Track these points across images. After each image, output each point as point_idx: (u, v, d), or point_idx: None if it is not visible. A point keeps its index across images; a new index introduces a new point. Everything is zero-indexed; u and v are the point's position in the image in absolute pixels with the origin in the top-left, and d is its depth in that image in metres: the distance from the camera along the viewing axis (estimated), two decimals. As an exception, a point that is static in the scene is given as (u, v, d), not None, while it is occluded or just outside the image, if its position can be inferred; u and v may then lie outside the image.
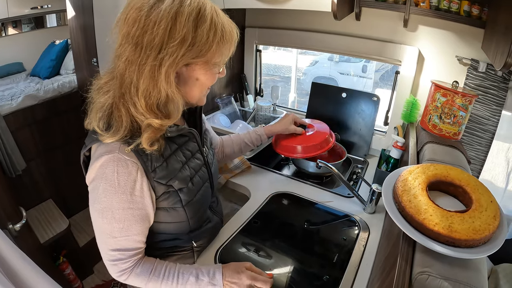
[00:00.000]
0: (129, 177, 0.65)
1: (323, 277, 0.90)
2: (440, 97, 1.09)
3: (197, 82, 0.70)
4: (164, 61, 0.59)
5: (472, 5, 1.13)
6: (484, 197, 0.64)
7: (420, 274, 0.54)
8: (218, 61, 0.69)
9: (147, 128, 0.63)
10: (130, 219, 0.68)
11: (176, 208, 0.76)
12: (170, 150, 0.74)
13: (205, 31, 0.61)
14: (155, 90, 0.61)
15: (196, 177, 0.81)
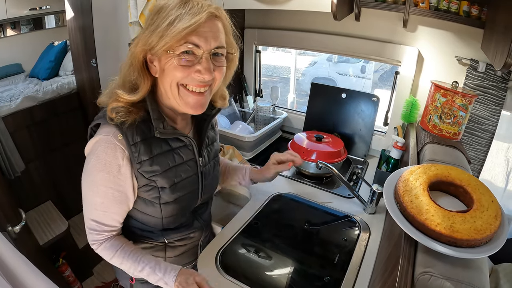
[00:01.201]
0: (114, 160, 0.70)
1: (324, 278, 0.89)
2: (440, 97, 1.09)
3: (163, 74, 0.69)
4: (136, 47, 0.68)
5: (471, 5, 1.13)
6: (485, 197, 0.64)
7: (422, 274, 0.54)
8: (176, 48, 0.65)
9: (114, 96, 0.70)
10: (110, 197, 0.73)
11: (153, 203, 0.79)
12: (161, 149, 0.76)
13: (161, 18, 0.65)
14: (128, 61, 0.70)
15: (182, 183, 0.82)
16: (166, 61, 0.67)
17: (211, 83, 0.72)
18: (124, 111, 0.70)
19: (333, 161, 1.34)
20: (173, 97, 0.71)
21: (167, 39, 0.63)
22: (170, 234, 0.88)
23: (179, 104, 0.72)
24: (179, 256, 0.93)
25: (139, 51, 0.67)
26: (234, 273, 0.89)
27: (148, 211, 0.80)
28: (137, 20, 1.19)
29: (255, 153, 1.55)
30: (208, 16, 0.65)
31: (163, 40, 0.64)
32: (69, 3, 1.93)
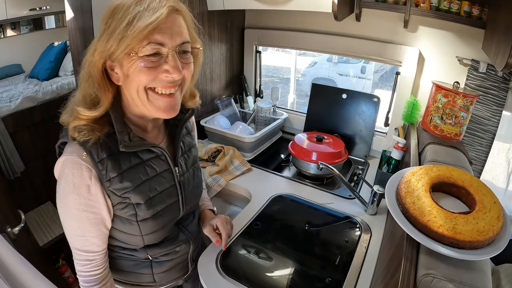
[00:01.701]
0: (82, 180, 0.65)
1: (325, 279, 0.89)
2: (442, 97, 1.09)
3: (127, 79, 0.64)
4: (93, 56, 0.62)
5: (472, 6, 1.13)
6: (487, 198, 0.63)
7: (425, 276, 0.53)
8: (139, 49, 0.60)
9: (74, 114, 0.65)
10: (85, 221, 0.68)
11: (130, 221, 0.73)
12: (130, 163, 0.70)
13: (117, 19, 0.59)
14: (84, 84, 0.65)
15: (159, 197, 0.76)
16: (129, 65, 0.61)
17: (180, 82, 0.67)
18: (86, 129, 0.64)
19: (334, 162, 1.34)
20: (142, 103, 0.66)
21: (127, 41, 0.57)
22: (154, 249, 0.82)
23: (149, 110, 0.67)
24: (167, 271, 0.88)
25: (97, 60, 0.61)
26: (235, 275, 0.88)
27: (127, 230, 0.75)
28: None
29: (255, 153, 1.55)
30: (169, 10, 0.61)
31: (123, 42, 0.58)
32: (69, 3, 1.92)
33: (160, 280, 0.88)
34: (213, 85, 1.68)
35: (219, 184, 1.34)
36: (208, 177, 1.35)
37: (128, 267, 0.83)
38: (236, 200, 1.41)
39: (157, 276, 0.86)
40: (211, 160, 1.42)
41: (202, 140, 1.61)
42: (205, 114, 1.66)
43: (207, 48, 1.55)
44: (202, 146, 1.54)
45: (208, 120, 1.60)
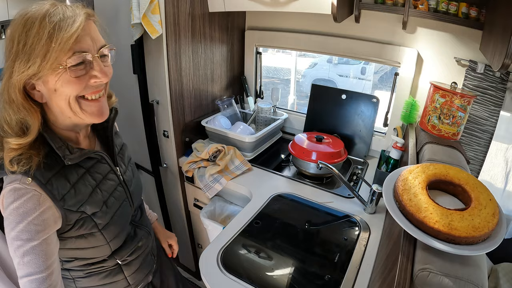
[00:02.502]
0: (28, 206, 0.62)
1: (325, 277, 0.90)
2: (439, 98, 1.10)
3: (56, 94, 0.61)
4: (7, 79, 0.58)
5: (470, 7, 1.14)
6: (483, 195, 0.65)
7: (421, 270, 0.54)
8: (60, 59, 0.58)
9: (3, 147, 0.61)
10: (31, 254, 0.63)
11: (93, 233, 0.73)
12: (77, 175, 0.70)
13: (33, 35, 0.56)
14: (5, 112, 0.61)
15: (111, 199, 0.77)
16: (56, 79, 0.59)
17: (105, 85, 0.69)
18: (24, 157, 0.61)
19: (333, 161, 1.35)
20: (74, 113, 0.65)
21: (54, 54, 0.56)
22: (120, 253, 0.83)
23: (83, 118, 0.66)
24: (138, 270, 0.89)
25: (16, 82, 0.58)
26: (235, 272, 0.90)
27: (93, 244, 0.74)
28: (140, 22, 1.20)
29: (256, 153, 1.56)
30: (85, 17, 0.61)
31: (49, 57, 0.56)
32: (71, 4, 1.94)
33: (134, 281, 0.89)
34: (214, 85, 1.69)
35: (220, 183, 1.35)
36: (209, 176, 1.37)
37: (101, 280, 0.82)
38: (237, 199, 1.42)
39: (130, 278, 0.87)
40: (212, 160, 1.44)
41: (203, 140, 1.62)
42: (206, 114, 1.68)
43: (208, 49, 1.57)
44: (203, 146, 1.56)
45: (209, 120, 1.61)
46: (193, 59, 1.48)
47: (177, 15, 1.31)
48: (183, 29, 1.36)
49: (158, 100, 1.43)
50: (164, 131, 1.49)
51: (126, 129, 1.72)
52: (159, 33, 1.23)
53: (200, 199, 1.57)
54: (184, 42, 1.38)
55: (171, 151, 1.52)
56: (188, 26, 1.39)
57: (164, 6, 1.23)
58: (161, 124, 1.49)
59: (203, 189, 1.37)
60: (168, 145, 1.52)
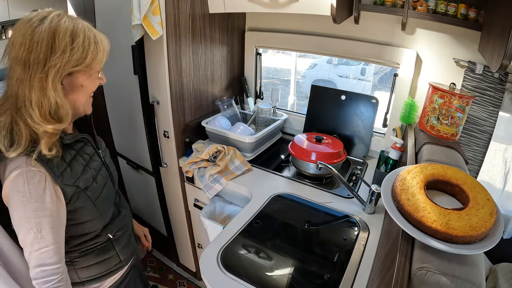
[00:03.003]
0: (38, 186, 0.71)
1: (324, 276, 0.91)
2: (438, 98, 1.11)
3: (82, 89, 0.78)
4: (49, 72, 0.68)
5: (469, 8, 1.15)
6: (480, 195, 0.65)
7: (419, 269, 0.55)
8: (96, 67, 0.79)
9: (43, 135, 0.70)
10: (46, 227, 0.72)
11: (87, 206, 0.83)
12: (70, 155, 0.81)
13: (81, 43, 0.71)
14: (45, 99, 0.69)
15: (98, 176, 0.89)
16: (85, 77, 0.77)
17: None
18: (56, 143, 0.74)
19: (333, 162, 1.36)
20: (82, 106, 0.82)
21: (97, 62, 0.77)
22: (110, 227, 0.93)
23: (85, 109, 0.84)
24: (126, 245, 0.99)
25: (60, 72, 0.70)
26: (235, 271, 0.90)
27: (86, 217, 0.84)
28: (140, 23, 1.21)
29: (255, 154, 1.57)
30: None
31: (94, 62, 0.76)
32: (72, 5, 1.95)
33: (124, 257, 0.98)
34: (214, 86, 1.70)
35: (220, 183, 1.36)
36: (209, 177, 1.38)
37: (96, 258, 0.90)
38: (237, 199, 1.43)
39: (120, 254, 0.97)
40: (212, 160, 1.44)
41: (203, 140, 1.63)
42: (207, 115, 1.68)
43: (209, 50, 1.57)
44: (203, 146, 1.56)
45: (209, 120, 1.62)
46: (193, 60, 1.48)
47: (178, 16, 1.32)
48: (183, 30, 1.37)
49: (159, 100, 1.44)
50: (164, 132, 1.50)
51: (126, 129, 1.73)
52: (159, 34, 1.24)
53: (200, 199, 1.57)
54: (184, 43, 1.39)
55: (171, 152, 1.53)
56: (189, 27, 1.39)
57: (165, 7, 1.23)
58: (161, 125, 1.49)
59: (203, 189, 1.38)
60: (168, 146, 1.53)
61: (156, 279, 2.01)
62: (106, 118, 1.87)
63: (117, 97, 1.70)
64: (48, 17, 0.69)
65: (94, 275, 0.91)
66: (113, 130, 1.88)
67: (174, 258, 2.08)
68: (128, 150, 1.83)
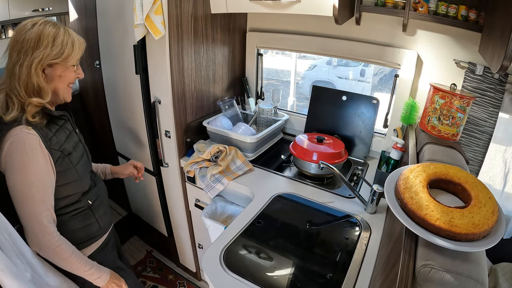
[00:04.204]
0: (35, 146, 0.88)
1: (327, 275, 0.91)
2: (439, 99, 1.12)
3: (60, 79, 0.95)
4: (33, 61, 0.87)
5: (469, 10, 1.16)
6: (482, 194, 0.66)
7: (423, 267, 0.56)
8: (72, 61, 0.95)
9: (28, 105, 0.88)
10: (43, 183, 0.90)
11: (69, 169, 0.99)
12: (55, 128, 0.97)
13: (59, 42, 0.91)
14: (29, 81, 0.88)
15: (77, 147, 1.05)
16: (62, 70, 0.94)
17: None
18: (40, 113, 0.92)
19: (334, 162, 1.37)
20: (61, 93, 0.98)
21: (72, 58, 0.94)
22: (89, 195, 1.08)
23: (63, 97, 1.00)
24: (104, 213, 1.14)
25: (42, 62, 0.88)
26: (238, 271, 0.91)
27: (69, 179, 0.99)
28: (143, 22, 1.21)
29: (257, 154, 1.57)
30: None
31: (69, 58, 0.93)
32: (73, 5, 1.96)
33: (103, 224, 1.13)
34: (216, 86, 1.71)
35: (222, 183, 1.36)
36: (211, 176, 1.38)
37: (77, 224, 1.04)
38: (238, 199, 1.43)
39: (100, 221, 1.11)
40: (214, 160, 1.45)
41: (204, 140, 1.63)
42: (208, 115, 1.69)
43: (210, 50, 1.58)
44: (204, 146, 1.57)
45: (210, 121, 1.62)
46: (195, 60, 1.49)
47: (180, 16, 1.32)
48: (185, 30, 1.37)
49: (160, 100, 1.44)
50: (166, 131, 1.50)
51: (127, 129, 1.73)
52: (162, 34, 1.24)
53: (201, 199, 1.57)
54: (186, 43, 1.40)
55: (173, 151, 1.53)
56: (191, 27, 1.40)
57: (167, 7, 1.24)
58: (163, 124, 1.50)
59: (204, 189, 1.38)
60: (169, 145, 1.53)
61: (156, 280, 2.01)
62: (107, 117, 1.87)
63: (118, 97, 1.70)
64: (38, 23, 0.90)
65: (78, 240, 1.03)
66: (114, 130, 1.88)
67: (174, 258, 2.07)
68: (129, 150, 1.83)
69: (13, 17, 2.76)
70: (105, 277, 1.04)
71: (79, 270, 0.97)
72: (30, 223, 0.89)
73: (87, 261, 1.00)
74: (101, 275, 1.03)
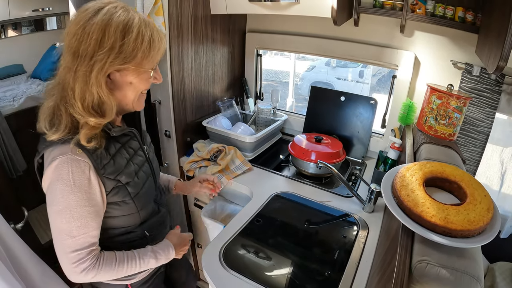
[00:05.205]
0: (83, 175, 0.71)
1: (325, 273, 0.92)
2: (436, 99, 1.13)
3: (131, 86, 0.75)
4: (94, 67, 0.66)
5: (466, 11, 1.18)
6: (478, 191, 0.67)
7: (419, 262, 0.56)
8: (147, 66, 0.74)
9: (84, 126, 0.70)
10: (87, 216, 0.73)
11: (126, 201, 0.82)
12: (115, 148, 0.80)
13: (132, 40, 0.68)
14: (88, 93, 0.68)
15: (140, 172, 0.87)
16: (135, 76, 0.73)
17: None
18: (97, 136, 0.72)
19: (332, 161, 1.38)
20: (131, 103, 0.79)
21: (148, 61, 0.73)
22: (148, 225, 0.93)
23: (134, 106, 0.81)
24: None
25: (108, 69, 0.68)
26: (237, 269, 0.92)
27: (123, 212, 0.84)
28: (143, 22, 1.22)
29: (256, 153, 1.58)
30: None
31: (144, 62, 0.72)
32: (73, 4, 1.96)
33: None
34: (215, 86, 1.72)
35: (221, 182, 1.37)
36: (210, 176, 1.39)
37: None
38: (237, 199, 1.44)
39: None
40: (213, 159, 1.46)
41: (204, 140, 1.64)
42: (208, 115, 1.70)
43: (210, 51, 1.59)
44: (204, 146, 1.57)
45: (210, 120, 1.63)
46: (195, 60, 1.50)
47: (180, 17, 1.33)
48: (185, 30, 1.38)
49: (160, 100, 1.45)
50: (165, 131, 1.51)
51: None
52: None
53: (201, 199, 1.58)
54: (186, 43, 1.41)
55: (173, 151, 1.54)
56: (191, 27, 1.41)
57: (168, 8, 1.25)
58: (163, 124, 1.51)
59: (204, 188, 1.39)
60: (169, 145, 1.54)
61: (155, 279, 2.01)
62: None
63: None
64: (104, 9, 0.67)
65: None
66: (114, 130, 1.89)
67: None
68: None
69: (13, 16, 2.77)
70: (169, 251, 0.91)
71: (132, 271, 0.84)
72: (61, 257, 0.75)
73: (139, 257, 0.85)
74: (164, 256, 0.90)
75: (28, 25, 2.92)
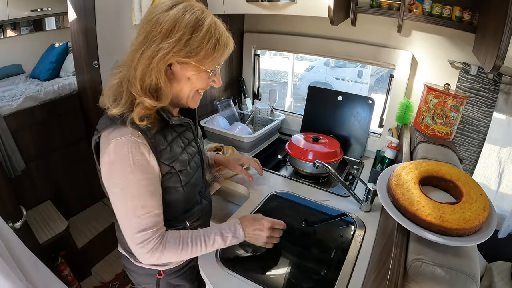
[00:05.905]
0: (142, 156, 0.73)
1: (321, 272, 0.92)
2: (432, 98, 1.13)
3: (188, 81, 0.78)
4: (158, 53, 0.70)
5: (463, 11, 1.18)
6: (474, 190, 0.67)
7: (414, 261, 0.56)
8: (207, 66, 0.76)
9: (138, 105, 0.73)
10: (147, 195, 0.75)
11: (176, 188, 0.84)
12: (171, 136, 0.83)
13: (199, 38, 0.71)
14: (147, 75, 0.72)
15: (192, 162, 0.90)
16: (195, 72, 0.76)
17: None
18: (151, 117, 0.75)
19: (330, 161, 1.38)
20: (186, 98, 0.81)
21: (210, 61, 0.75)
22: (189, 216, 0.94)
23: (187, 103, 0.83)
24: None
25: (170, 59, 0.71)
26: (234, 267, 0.91)
27: (171, 198, 0.84)
28: (141, 22, 1.22)
29: (253, 153, 1.58)
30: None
31: (206, 61, 0.74)
32: (72, 5, 1.96)
33: None
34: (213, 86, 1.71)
35: (218, 182, 1.37)
36: (208, 175, 1.38)
37: None
38: (235, 198, 1.44)
39: None
40: (210, 159, 1.45)
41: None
42: (205, 115, 1.70)
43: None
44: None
45: (207, 120, 1.63)
46: (192, 60, 1.49)
47: (178, 16, 1.33)
48: (183, 30, 1.38)
49: (158, 99, 1.45)
50: (163, 131, 1.51)
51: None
52: (159, 34, 1.25)
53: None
54: (184, 42, 1.40)
55: (170, 151, 1.54)
56: (188, 27, 1.41)
57: (165, 7, 1.25)
58: (160, 124, 1.50)
59: (201, 187, 1.39)
60: (167, 145, 1.53)
61: (153, 279, 2.01)
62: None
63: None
64: (179, 5, 0.72)
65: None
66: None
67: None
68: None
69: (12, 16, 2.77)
70: (236, 229, 0.88)
71: (199, 253, 0.84)
72: (129, 238, 0.77)
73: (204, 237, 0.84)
74: (231, 234, 0.87)
75: (27, 25, 2.91)
